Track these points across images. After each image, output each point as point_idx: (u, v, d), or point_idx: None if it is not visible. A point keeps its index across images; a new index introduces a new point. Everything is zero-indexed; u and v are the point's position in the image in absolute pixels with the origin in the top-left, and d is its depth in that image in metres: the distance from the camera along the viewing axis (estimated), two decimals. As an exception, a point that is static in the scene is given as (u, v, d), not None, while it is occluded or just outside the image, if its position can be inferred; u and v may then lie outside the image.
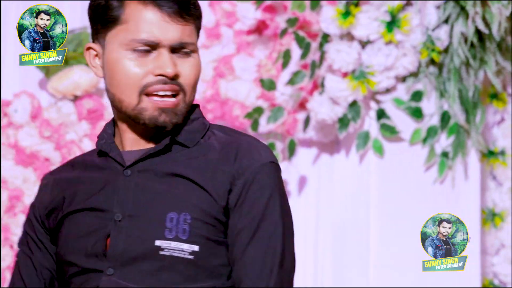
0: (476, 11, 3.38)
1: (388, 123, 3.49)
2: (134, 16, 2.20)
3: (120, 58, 2.18)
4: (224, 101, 3.56)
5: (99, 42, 2.24)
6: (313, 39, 3.48)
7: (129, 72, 2.18)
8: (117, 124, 2.23)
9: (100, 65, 2.25)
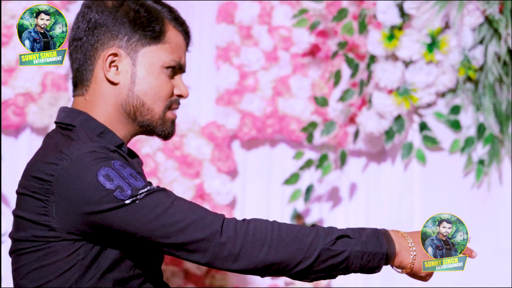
0: (508, 33, 3.41)
1: (430, 134, 3.54)
2: (173, 39, 2.31)
3: (159, 74, 2.28)
4: (282, 116, 3.60)
5: (124, 48, 2.31)
6: (361, 60, 3.53)
7: (165, 87, 2.29)
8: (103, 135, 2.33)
9: (123, 71, 2.32)
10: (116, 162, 2.14)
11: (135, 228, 2.17)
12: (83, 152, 2.15)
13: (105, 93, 2.28)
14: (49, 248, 2.19)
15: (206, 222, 2.13)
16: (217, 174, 3.58)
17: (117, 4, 2.30)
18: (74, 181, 2.15)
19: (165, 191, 2.17)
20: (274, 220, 2.15)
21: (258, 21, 3.65)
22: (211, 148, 3.60)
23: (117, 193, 2.12)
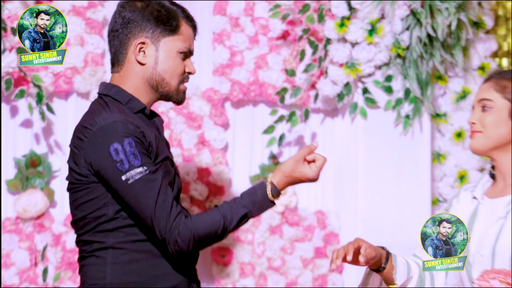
0: (427, 22, 3.74)
1: (370, 96, 3.89)
2: (185, 31, 2.59)
3: (175, 57, 2.57)
4: (262, 84, 3.92)
5: (150, 38, 2.56)
6: (319, 42, 3.86)
7: (179, 67, 2.59)
8: (130, 102, 2.56)
9: (149, 55, 2.55)
10: (126, 140, 2.42)
11: (122, 195, 2.47)
12: (107, 124, 2.46)
13: (135, 71, 2.56)
14: (86, 189, 2.52)
15: (170, 216, 2.43)
16: (214, 126, 3.88)
17: (144, 5, 2.57)
18: (96, 145, 2.47)
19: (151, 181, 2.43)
20: (196, 218, 2.45)
21: (244, 13, 3.94)
22: (209, 107, 3.89)
23: (118, 165, 2.42)
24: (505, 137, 2.62)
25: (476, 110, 2.65)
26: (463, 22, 3.81)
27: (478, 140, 2.62)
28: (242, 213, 2.49)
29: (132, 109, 2.53)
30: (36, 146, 3.78)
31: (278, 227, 3.87)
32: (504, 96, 2.61)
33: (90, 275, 2.53)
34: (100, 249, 2.51)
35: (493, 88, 2.63)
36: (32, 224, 3.70)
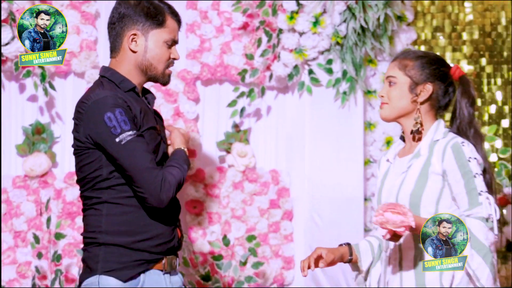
0: (360, 16, 3.89)
1: (314, 76, 4.02)
2: (170, 25, 2.66)
3: (162, 46, 2.63)
4: (226, 66, 4.01)
5: (140, 30, 2.59)
6: (273, 32, 3.97)
7: (165, 54, 2.65)
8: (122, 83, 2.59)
9: (140, 44, 2.59)
10: (117, 110, 2.48)
11: (116, 155, 2.54)
12: (99, 98, 2.52)
13: (128, 57, 2.63)
14: (85, 154, 2.60)
15: (153, 174, 2.52)
16: (187, 101, 3.97)
17: (137, 3, 2.63)
18: (92, 116, 2.53)
19: (139, 142, 2.50)
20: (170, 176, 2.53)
21: (211, 8, 4.02)
22: (183, 85, 3.97)
23: (112, 130, 2.48)
24: (407, 107, 2.68)
25: (384, 85, 2.73)
26: (389, 16, 3.94)
27: (386, 110, 2.71)
28: (185, 165, 2.65)
29: (124, 88, 2.60)
30: (40, 117, 3.89)
31: (240, 183, 4.01)
32: (405, 73, 2.67)
33: (90, 224, 2.62)
34: (98, 203, 2.59)
35: (397, 66, 2.69)
36: (37, 181, 3.82)
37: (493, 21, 4.31)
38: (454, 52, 4.32)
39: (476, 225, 2.51)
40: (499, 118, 4.29)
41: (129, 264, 2.57)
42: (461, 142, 2.62)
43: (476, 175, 2.57)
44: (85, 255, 2.63)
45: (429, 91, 2.70)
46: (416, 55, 2.75)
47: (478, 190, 2.56)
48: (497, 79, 4.28)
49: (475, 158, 2.60)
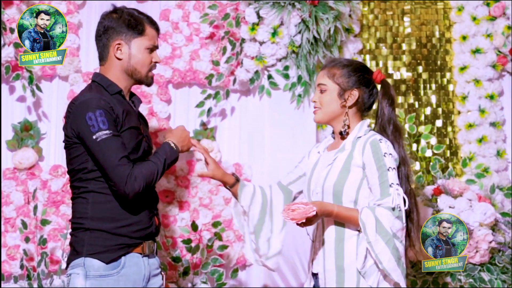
0: (313, 27, 3.87)
1: (273, 81, 4.01)
2: (150, 32, 2.74)
3: (143, 52, 2.72)
4: (195, 71, 3.98)
5: (123, 39, 2.65)
6: (237, 41, 3.96)
7: (147, 59, 2.74)
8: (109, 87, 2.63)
9: (124, 52, 2.66)
10: (98, 111, 2.53)
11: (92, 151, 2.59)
12: (85, 99, 2.60)
13: (115, 64, 2.72)
14: (73, 148, 2.67)
15: (120, 170, 2.53)
16: (160, 102, 3.96)
17: (118, 16, 2.72)
18: (77, 114, 2.61)
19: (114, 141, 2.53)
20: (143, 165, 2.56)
21: (182, 19, 4.01)
22: (157, 88, 3.96)
23: (91, 128, 2.54)
24: (337, 111, 2.78)
25: (316, 92, 2.83)
26: (338, 28, 3.93)
27: (319, 115, 2.80)
28: (163, 159, 2.66)
29: (111, 91, 2.67)
30: (28, 115, 3.90)
31: None
32: (334, 81, 2.75)
33: (77, 211, 2.68)
34: (84, 192, 2.65)
35: (326, 75, 2.77)
36: (25, 173, 3.83)
37: (428, 34, 4.34)
38: (395, 60, 4.33)
39: (383, 214, 2.62)
40: (434, 118, 4.32)
41: (112, 248, 2.60)
42: (379, 139, 2.73)
43: (390, 169, 2.67)
44: (72, 239, 2.67)
45: (356, 96, 2.80)
46: (342, 64, 2.82)
47: (390, 182, 2.65)
48: (432, 84, 4.31)
49: (390, 154, 2.70)
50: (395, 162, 2.71)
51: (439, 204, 3.94)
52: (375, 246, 2.59)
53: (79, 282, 2.57)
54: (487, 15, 4.23)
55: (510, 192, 4.05)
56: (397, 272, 2.60)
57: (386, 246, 2.57)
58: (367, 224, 2.63)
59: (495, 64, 4.22)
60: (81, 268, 2.57)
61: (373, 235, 2.58)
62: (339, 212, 2.66)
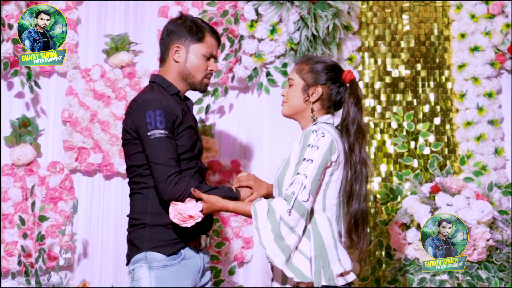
0: (312, 25, 3.85)
1: (271, 78, 4.00)
2: (209, 41, 2.82)
3: (200, 58, 2.79)
4: None
5: (183, 44, 2.75)
6: (236, 38, 3.98)
7: (203, 65, 2.81)
8: (168, 87, 2.72)
9: (182, 55, 2.74)
10: (158, 111, 2.60)
11: (145, 147, 2.63)
12: (149, 98, 2.67)
13: (172, 66, 2.81)
14: (133, 144, 2.71)
15: (164, 171, 2.57)
16: None
17: (182, 22, 2.83)
18: (138, 112, 2.67)
19: (166, 142, 2.59)
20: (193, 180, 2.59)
21: None
22: None
23: (148, 125, 2.60)
24: (300, 106, 2.75)
25: (286, 86, 2.82)
26: (337, 26, 3.91)
27: (284, 108, 2.79)
28: (212, 187, 2.71)
29: (169, 92, 2.75)
30: (26, 111, 3.93)
31: (207, 173, 3.87)
32: (300, 77, 2.74)
33: (136, 206, 2.72)
34: (144, 188, 2.70)
35: (295, 70, 2.76)
36: (23, 169, 3.86)
37: (427, 32, 4.35)
38: (393, 58, 4.33)
39: (277, 202, 2.59)
40: (432, 116, 4.31)
41: (171, 242, 2.66)
42: (313, 130, 2.68)
43: (305, 160, 2.61)
44: (131, 236, 2.72)
45: (319, 92, 2.76)
46: (312, 61, 2.81)
47: (298, 171, 2.61)
48: (430, 82, 4.31)
49: (316, 146, 2.64)
50: (323, 155, 2.64)
51: (437, 202, 3.90)
52: (262, 232, 2.57)
53: (143, 273, 2.63)
54: (486, 13, 4.25)
55: (508, 190, 4.05)
56: (280, 259, 2.57)
57: (272, 233, 2.56)
58: (258, 211, 2.62)
59: (494, 62, 4.24)
60: (144, 261, 2.64)
61: (262, 222, 2.57)
62: (235, 208, 2.70)
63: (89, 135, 3.90)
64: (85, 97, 3.93)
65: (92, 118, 3.92)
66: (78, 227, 3.90)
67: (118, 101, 3.96)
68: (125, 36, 3.96)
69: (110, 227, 3.91)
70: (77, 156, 3.89)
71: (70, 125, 3.91)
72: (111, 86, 3.97)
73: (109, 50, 3.95)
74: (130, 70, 3.98)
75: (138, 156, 2.69)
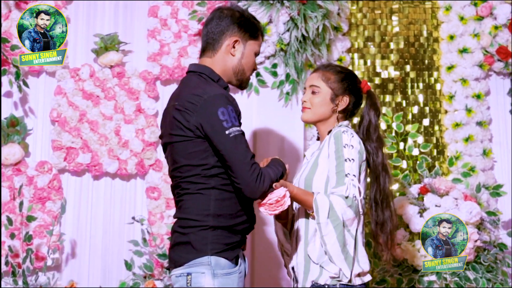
0: (302, 26, 3.85)
1: (261, 78, 3.99)
2: (260, 39, 2.80)
3: (252, 55, 2.75)
4: (183, 68, 3.95)
5: (241, 38, 2.68)
6: None
7: (253, 63, 2.77)
8: (219, 81, 2.64)
9: (238, 50, 2.68)
10: (229, 107, 2.51)
11: (222, 146, 2.52)
12: (216, 94, 2.54)
13: (225, 59, 2.70)
14: (194, 142, 2.58)
15: (252, 168, 2.51)
16: (148, 98, 3.95)
17: (240, 15, 2.74)
18: (206, 108, 2.53)
19: (243, 138, 2.54)
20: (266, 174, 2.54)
21: (170, 16, 4.01)
22: (145, 84, 3.95)
23: (224, 123, 2.50)
24: (326, 114, 2.85)
25: (307, 92, 2.86)
26: (327, 27, 3.92)
27: (308, 114, 2.87)
28: (279, 167, 2.65)
29: (220, 86, 2.65)
30: (15, 111, 3.90)
31: None
32: (328, 85, 2.85)
33: (196, 207, 2.59)
34: (205, 189, 2.58)
35: (320, 78, 2.85)
36: (11, 169, 3.83)
37: (416, 33, 4.36)
38: (383, 59, 4.34)
39: (336, 200, 2.68)
40: (421, 117, 4.32)
41: (232, 245, 2.59)
42: (343, 131, 2.79)
43: (347, 160, 2.72)
44: (190, 237, 2.59)
45: (346, 102, 2.88)
46: (336, 70, 2.90)
47: (346, 172, 2.70)
48: (419, 83, 4.31)
49: (351, 145, 2.75)
50: (358, 154, 2.76)
51: (426, 203, 3.92)
52: (324, 228, 2.65)
53: (206, 281, 2.53)
54: (475, 15, 4.26)
55: (496, 191, 4.06)
56: (340, 258, 2.67)
57: (334, 230, 2.64)
58: (320, 207, 2.69)
59: (482, 63, 4.25)
60: (207, 267, 2.53)
61: (324, 218, 2.64)
62: (297, 193, 2.70)
63: (77, 135, 3.89)
64: (74, 96, 3.92)
65: (81, 118, 3.91)
66: (66, 227, 3.88)
67: (107, 101, 3.95)
68: (115, 36, 3.95)
69: (99, 227, 3.90)
70: (65, 156, 3.87)
71: (59, 124, 3.89)
72: (100, 86, 3.96)
73: (99, 49, 3.94)
74: (120, 70, 3.98)
75: (198, 154, 2.59)
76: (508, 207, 4.16)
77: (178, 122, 2.59)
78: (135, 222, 3.80)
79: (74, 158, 3.88)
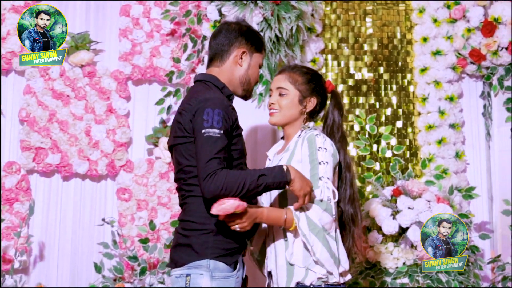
0: (275, 26, 3.84)
1: None
2: (263, 53, 2.86)
3: (256, 67, 2.82)
4: (155, 67, 3.99)
5: (249, 50, 2.76)
6: (198, 38, 3.97)
7: (258, 75, 2.83)
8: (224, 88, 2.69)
9: (245, 61, 2.75)
10: (217, 110, 2.53)
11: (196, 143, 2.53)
12: (211, 97, 2.59)
13: (232, 69, 2.76)
14: (191, 143, 2.59)
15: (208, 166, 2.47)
16: (119, 98, 3.95)
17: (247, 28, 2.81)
18: (198, 109, 2.57)
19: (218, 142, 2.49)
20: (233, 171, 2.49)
21: (143, 15, 4.03)
22: (116, 84, 3.94)
23: (204, 122, 2.51)
24: (295, 115, 2.83)
25: (274, 94, 2.85)
26: (300, 28, 3.91)
27: (276, 117, 2.84)
28: (258, 174, 2.54)
29: (225, 93, 2.71)
30: None
31: (166, 173, 3.96)
32: (295, 87, 2.83)
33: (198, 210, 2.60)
34: None
35: (288, 79, 2.83)
36: None
37: (390, 35, 4.39)
38: (356, 61, 4.35)
39: (311, 209, 2.69)
40: (394, 119, 4.33)
41: (232, 251, 2.62)
42: (316, 134, 2.80)
43: (321, 163, 2.72)
44: (191, 240, 2.61)
45: (314, 103, 2.88)
46: (303, 71, 2.90)
47: (320, 175, 2.71)
48: (392, 85, 4.33)
49: (325, 148, 2.75)
50: (331, 157, 2.79)
51: (399, 205, 3.93)
52: (309, 238, 2.67)
53: (204, 282, 2.56)
54: (448, 17, 4.29)
55: (468, 194, 4.06)
56: (330, 262, 2.70)
57: (317, 238, 2.67)
58: (301, 219, 2.71)
59: (455, 66, 4.28)
60: (206, 269, 2.56)
61: (307, 229, 2.66)
62: (268, 215, 2.68)
63: (47, 135, 3.86)
64: (44, 96, 3.88)
65: (51, 117, 3.88)
66: (35, 229, 3.82)
67: (77, 101, 3.92)
68: (86, 35, 3.92)
69: (68, 229, 3.85)
70: (34, 156, 3.83)
71: (28, 124, 3.85)
72: (70, 85, 3.94)
73: (69, 48, 3.90)
74: (90, 69, 3.96)
75: None
76: (480, 209, 4.19)
77: (179, 124, 2.64)
78: (105, 224, 3.78)
79: (43, 159, 3.83)
